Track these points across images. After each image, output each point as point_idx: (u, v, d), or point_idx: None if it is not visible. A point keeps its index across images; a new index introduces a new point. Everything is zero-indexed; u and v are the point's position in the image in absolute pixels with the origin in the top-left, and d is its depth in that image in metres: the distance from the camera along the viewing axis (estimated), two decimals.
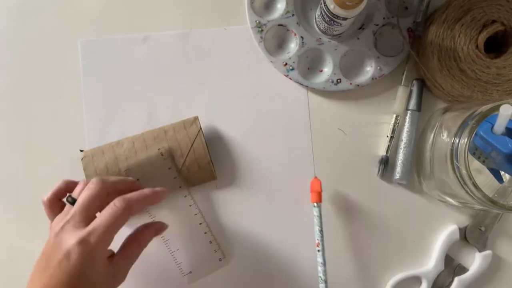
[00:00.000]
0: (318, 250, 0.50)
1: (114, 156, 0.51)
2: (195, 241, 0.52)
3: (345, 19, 0.47)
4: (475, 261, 0.52)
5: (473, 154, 0.45)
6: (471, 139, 0.42)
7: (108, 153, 0.51)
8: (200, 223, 0.52)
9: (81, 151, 0.52)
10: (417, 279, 0.53)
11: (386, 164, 0.53)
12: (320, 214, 0.50)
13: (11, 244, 0.54)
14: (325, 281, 0.49)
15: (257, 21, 0.54)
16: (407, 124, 0.54)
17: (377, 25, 0.54)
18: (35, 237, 0.54)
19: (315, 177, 0.52)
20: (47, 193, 0.45)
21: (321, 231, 0.50)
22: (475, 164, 0.46)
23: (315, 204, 0.51)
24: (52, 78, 0.55)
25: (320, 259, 0.50)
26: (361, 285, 0.53)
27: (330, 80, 0.54)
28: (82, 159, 0.51)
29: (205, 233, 0.52)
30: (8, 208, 0.54)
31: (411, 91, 0.54)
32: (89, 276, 0.39)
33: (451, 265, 0.53)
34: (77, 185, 0.44)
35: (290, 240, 0.54)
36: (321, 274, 0.49)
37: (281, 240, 0.54)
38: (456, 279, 0.52)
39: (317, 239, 0.50)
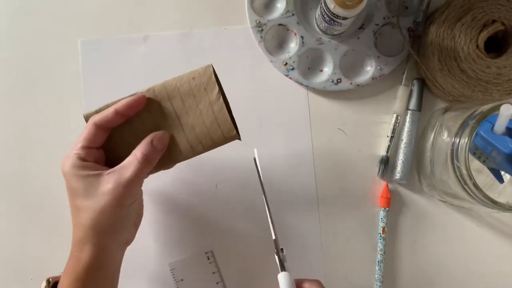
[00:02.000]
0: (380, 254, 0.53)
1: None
2: None
3: (345, 18, 0.47)
4: None
5: (474, 154, 0.45)
6: (472, 139, 0.42)
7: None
8: (217, 282, 0.53)
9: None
10: None
11: (387, 164, 0.53)
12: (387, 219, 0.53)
13: (11, 243, 0.54)
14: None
15: (257, 21, 0.54)
16: (407, 124, 0.54)
17: (377, 24, 0.54)
18: (35, 236, 0.55)
19: (386, 184, 0.53)
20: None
21: (382, 237, 0.53)
22: (475, 164, 0.46)
23: (384, 208, 0.53)
24: (52, 78, 0.55)
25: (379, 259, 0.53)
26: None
27: (330, 80, 0.54)
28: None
29: None
30: (8, 208, 0.54)
31: (411, 91, 0.54)
32: None
33: None
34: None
35: (294, 240, 0.54)
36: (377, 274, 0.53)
37: (285, 242, 0.54)
38: None
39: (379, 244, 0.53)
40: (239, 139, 0.44)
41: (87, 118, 0.42)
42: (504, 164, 0.43)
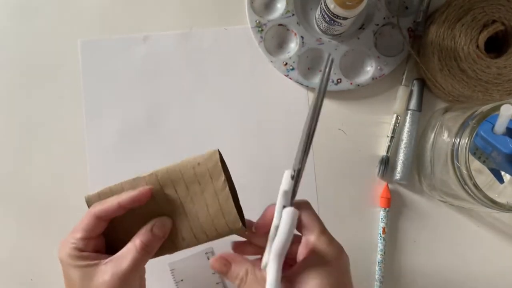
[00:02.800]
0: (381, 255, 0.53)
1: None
2: None
3: (345, 18, 0.47)
4: None
5: (474, 154, 0.45)
6: (472, 139, 0.42)
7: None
8: (217, 283, 0.53)
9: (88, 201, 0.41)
10: None
11: (387, 164, 0.53)
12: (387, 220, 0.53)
13: (11, 243, 0.54)
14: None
15: (257, 21, 0.54)
16: (407, 124, 0.54)
17: (378, 25, 0.54)
18: (35, 236, 0.54)
19: (386, 184, 0.53)
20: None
21: (382, 237, 0.53)
22: (475, 164, 0.46)
23: (384, 209, 0.53)
24: (52, 78, 0.55)
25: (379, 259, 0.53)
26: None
27: (331, 80, 0.54)
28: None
29: None
30: (7, 208, 0.54)
31: (411, 91, 0.54)
32: None
33: None
34: None
35: None
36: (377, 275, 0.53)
37: None
38: None
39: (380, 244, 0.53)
40: (245, 229, 0.41)
41: (88, 202, 0.40)
42: (504, 164, 0.43)
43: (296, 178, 0.38)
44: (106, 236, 0.40)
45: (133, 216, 0.39)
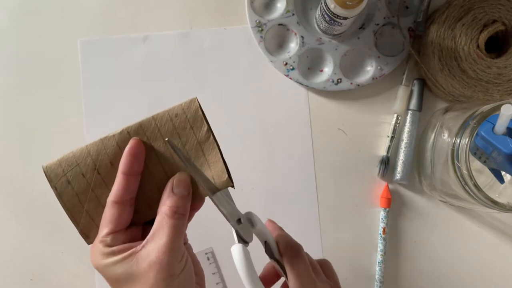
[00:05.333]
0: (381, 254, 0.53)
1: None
2: None
3: (345, 18, 0.47)
4: None
5: (474, 154, 0.45)
6: (472, 139, 0.42)
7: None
8: (217, 283, 0.52)
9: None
10: None
11: (387, 164, 0.53)
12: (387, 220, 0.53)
13: (11, 243, 0.54)
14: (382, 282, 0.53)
15: (257, 21, 0.54)
16: (407, 124, 0.54)
17: (378, 24, 0.54)
18: (35, 237, 0.54)
19: (386, 184, 0.53)
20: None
21: (383, 237, 0.53)
22: (476, 164, 0.46)
23: (384, 209, 0.53)
24: (52, 78, 0.55)
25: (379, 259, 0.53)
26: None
27: (331, 80, 0.54)
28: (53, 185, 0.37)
29: None
30: (8, 208, 0.54)
31: (411, 91, 0.54)
32: None
33: None
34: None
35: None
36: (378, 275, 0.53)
37: None
38: None
39: (380, 244, 0.53)
40: (232, 186, 0.36)
41: (47, 171, 0.35)
42: (504, 164, 0.43)
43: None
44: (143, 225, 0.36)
45: (150, 190, 0.35)
